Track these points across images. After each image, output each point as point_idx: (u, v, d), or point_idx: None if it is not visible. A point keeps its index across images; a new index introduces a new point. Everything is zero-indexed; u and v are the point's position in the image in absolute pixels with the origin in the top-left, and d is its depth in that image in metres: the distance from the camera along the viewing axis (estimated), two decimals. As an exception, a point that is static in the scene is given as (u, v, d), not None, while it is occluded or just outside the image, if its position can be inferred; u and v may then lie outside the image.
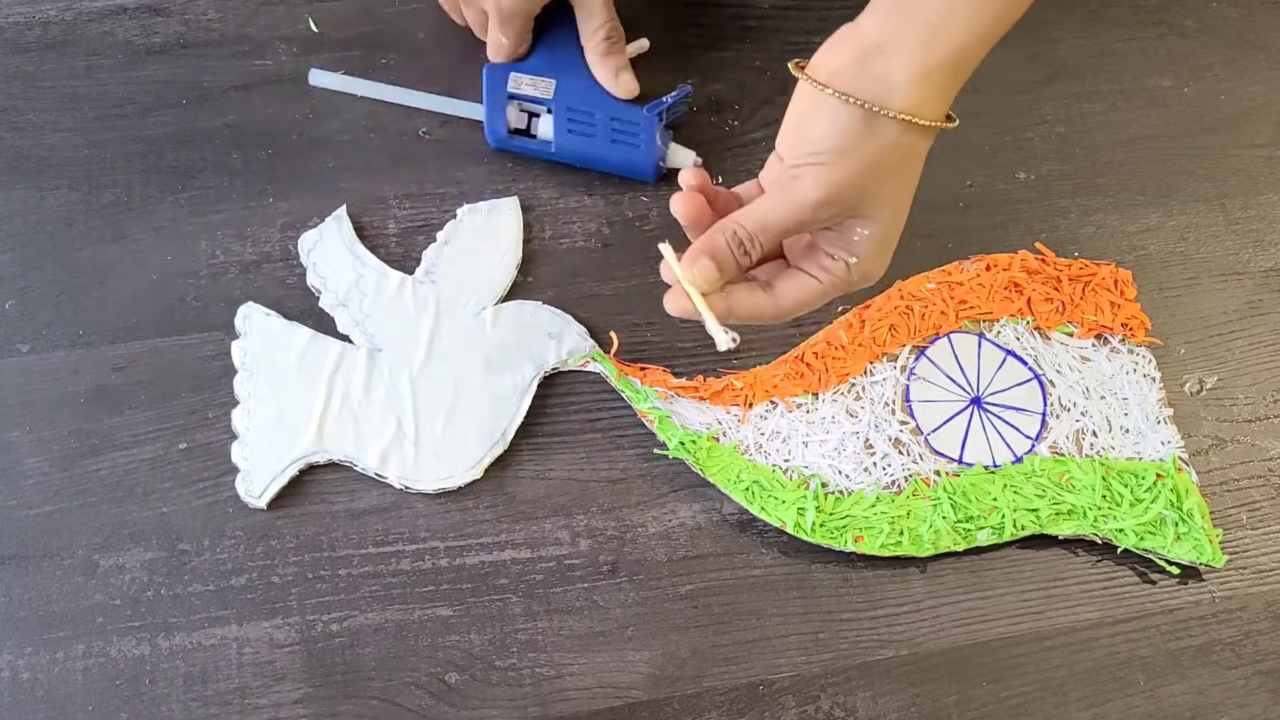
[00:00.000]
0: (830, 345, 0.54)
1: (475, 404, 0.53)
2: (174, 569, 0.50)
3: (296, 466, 0.51)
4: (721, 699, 0.49)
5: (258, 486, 0.51)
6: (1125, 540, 0.51)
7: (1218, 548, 0.51)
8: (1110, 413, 0.54)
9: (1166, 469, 0.52)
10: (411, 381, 0.53)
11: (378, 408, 0.52)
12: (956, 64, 0.41)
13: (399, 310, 0.54)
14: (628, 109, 0.56)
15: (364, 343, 0.54)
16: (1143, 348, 0.56)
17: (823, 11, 0.63)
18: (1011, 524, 0.51)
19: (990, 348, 0.55)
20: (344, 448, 0.52)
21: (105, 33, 0.61)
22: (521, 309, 0.55)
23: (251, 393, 0.52)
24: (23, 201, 0.57)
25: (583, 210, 0.58)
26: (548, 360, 0.54)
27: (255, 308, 0.54)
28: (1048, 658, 0.50)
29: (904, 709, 0.49)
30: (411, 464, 0.51)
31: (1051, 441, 0.53)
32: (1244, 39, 0.65)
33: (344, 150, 0.58)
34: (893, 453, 0.52)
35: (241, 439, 0.52)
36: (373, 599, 0.50)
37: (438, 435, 0.52)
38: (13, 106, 0.59)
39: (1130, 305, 0.56)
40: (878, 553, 0.50)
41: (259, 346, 0.53)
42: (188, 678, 0.48)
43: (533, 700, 0.49)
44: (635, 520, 0.52)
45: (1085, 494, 0.51)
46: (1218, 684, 0.50)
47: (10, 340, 0.54)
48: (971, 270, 0.56)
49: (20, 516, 0.51)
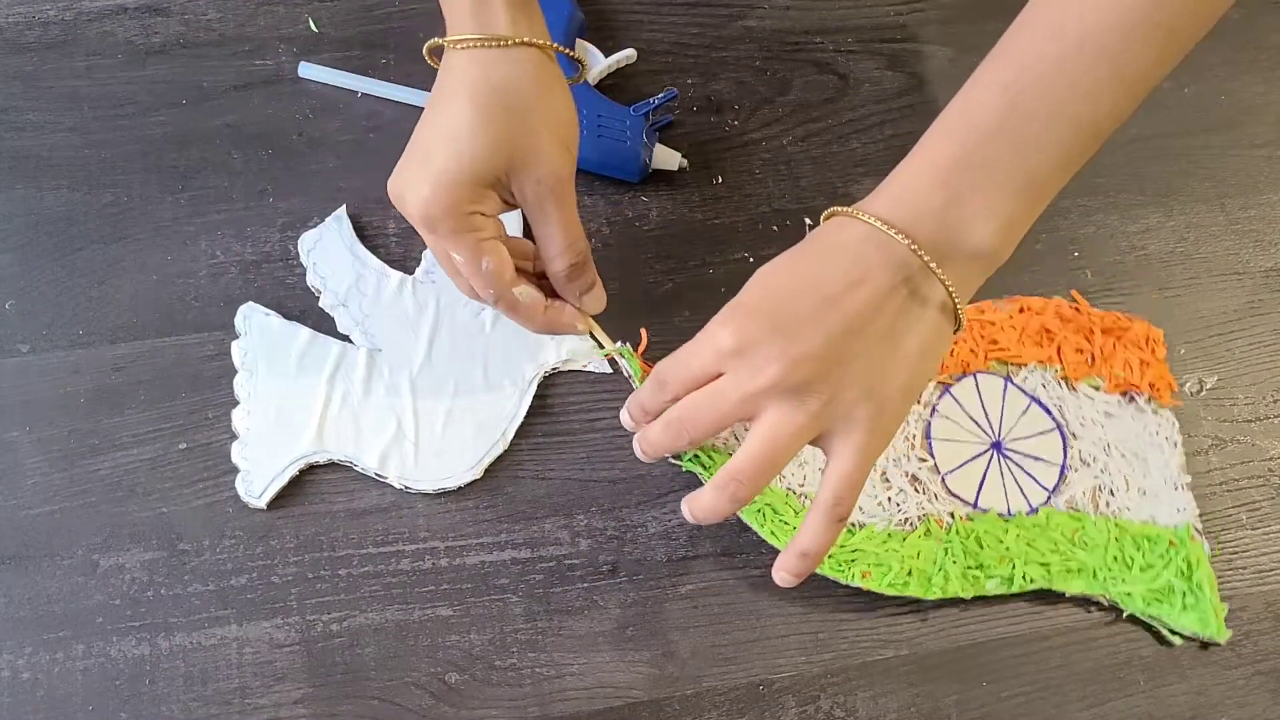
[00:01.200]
0: None
1: (475, 404, 0.53)
2: (174, 569, 0.50)
3: (296, 467, 0.51)
4: (721, 699, 0.49)
5: (258, 486, 0.51)
6: (1132, 605, 0.50)
7: (1223, 623, 0.50)
8: (1130, 472, 0.53)
9: (1181, 536, 0.51)
10: (411, 381, 0.53)
11: (377, 408, 0.52)
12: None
13: (399, 310, 0.54)
14: (615, 108, 0.56)
15: (364, 343, 0.54)
16: (1167, 410, 0.55)
17: (822, 11, 0.64)
18: (1021, 576, 0.50)
19: (1015, 392, 0.54)
20: (344, 448, 0.52)
21: (105, 33, 0.61)
22: None
23: (251, 393, 0.52)
24: (23, 201, 0.57)
25: (583, 210, 0.58)
26: (548, 360, 0.54)
27: (255, 308, 0.54)
28: (1048, 657, 0.50)
29: (904, 709, 0.49)
30: (412, 464, 0.51)
31: (1068, 496, 0.52)
32: (1244, 39, 0.65)
33: (344, 150, 0.58)
34: (909, 489, 0.51)
35: (241, 439, 0.52)
36: (373, 599, 0.50)
37: (437, 435, 0.52)
38: (13, 106, 0.59)
39: (1159, 365, 0.55)
40: (883, 590, 0.49)
41: (259, 346, 0.53)
42: (188, 678, 0.48)
43: (533, 700, 0.49)
44: (635, 520, 0.52)
45: (1097, 553, 0.51)
46: (1218, 684, 0.50)
47: (10, 340, 0.54)
48: (1004, 310, 0.55)
49: (20, 516, 0.51)
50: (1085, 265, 0.58)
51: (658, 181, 0.59)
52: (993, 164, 0.41)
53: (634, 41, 0.61)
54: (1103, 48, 0.40)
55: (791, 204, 0.59)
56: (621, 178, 0.58)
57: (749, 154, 0.60)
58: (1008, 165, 0.41)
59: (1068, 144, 0.41)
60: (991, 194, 0.41)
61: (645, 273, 0.57)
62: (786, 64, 0.62)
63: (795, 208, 0.59)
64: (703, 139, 0.60)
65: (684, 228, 0.58)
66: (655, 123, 0.58)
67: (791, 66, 0.62)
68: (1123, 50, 0.40)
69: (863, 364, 0.41)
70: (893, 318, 0.42)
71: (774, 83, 0.62)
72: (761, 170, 0.59)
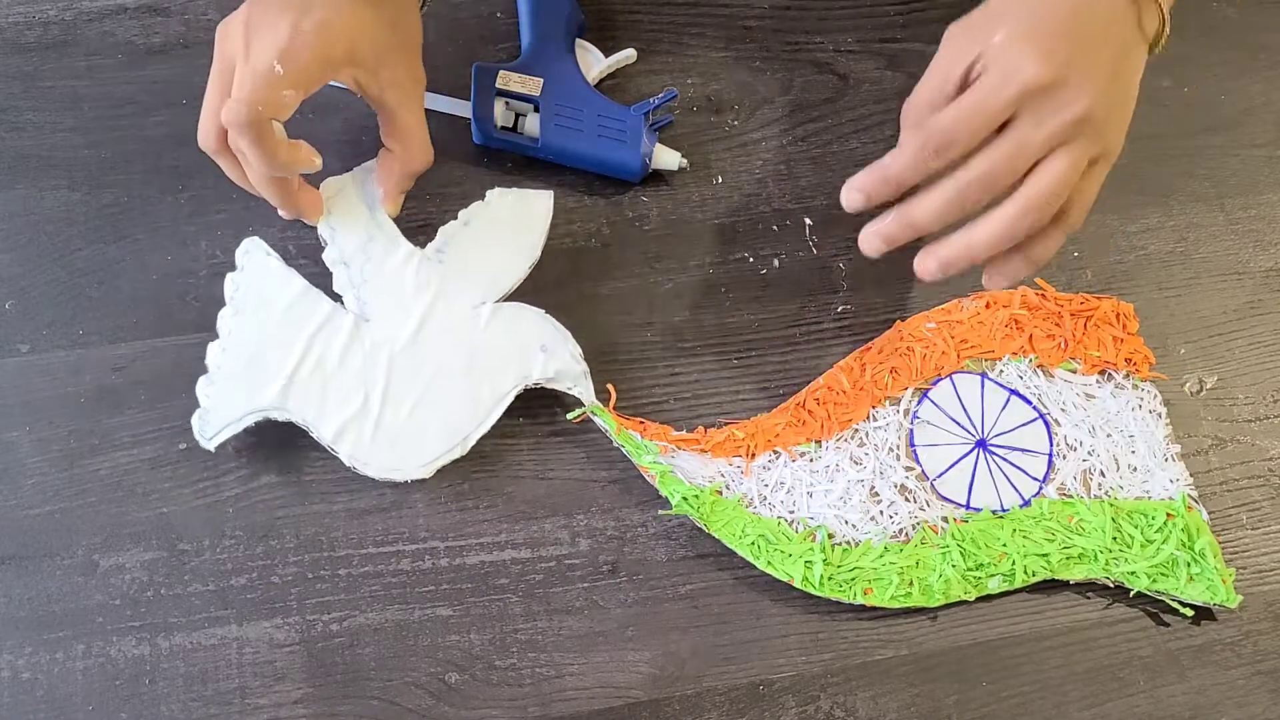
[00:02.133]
0: (831, 391, 0.53)
1: (447, 401, 0.51)
2: (174, 569, 0.50)
3: (254, 418, 0.50)
4: (721, 699, 0.49)
5: (211, 428, 0.50)
6: (1138, 583, 0.50)
7: (1231, 588, 0.50)
8: (1117, 451, 0.53)
9: (1176, 508, 0.51)
10: (390, 360, 0.51)
11: (349, 379, 0.51)
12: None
13: (398, 283, 0.53)
14: (615, 108, 0.56)
15: (354, 308, 0.52)
16: (1147, 383, 0.54)
17: (822, 11, 0.64)
18: (1022, 570, 0.50)
19: (993, 388, 0.54)
20: (305, 412, 0.50)
21: (105, 32, 0.61)
22: (521, 313, 0.53)
23: (232, 331, 0.51)
24: (23, 201, 0.57)
25: (583, 210, 0.58)
26: (531, 374, 0.52)
27: (259, 244, 0.53)
28: (1047, 657, 0.50)
29: (904, 709, 0.49)
30: (366, 444, 0.50)
31: (1059, 483, 0.52)
32: (1244, 39, 0.64)
33: (344, 150, 0.58)
34: (899, 500, 0.51)
35: (210, 375, 0.51)
36: (373, 599, 0.50)
37: (400, 423, 0.50)
38: (12, 106, 0.59)
39: (1133, 339, 0.55)
40: (887, 605, 0.49)
41: (252, 285, 0.52)
42: (187, 677, 0.48)
43: (533, 700, 0.49)
44: (635, 520, 0.52)
45: (1095, 536, 0.51)
46: (1217, 684, 0.50)
47: (10, 340, 0.54)
48: (971, 308, 0.55)
49: (20, 516, 0.51)
50: (1085, 265, 0.58)
51: (658, 181, 0.59)
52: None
53: (634, 41, 0.61)
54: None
55: (791, 204, 0.59)
56: (622, 178, 0.58)
57: (749, 154, 0.60)
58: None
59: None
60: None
61: (645, 273, 0.57)
62: (786, 64, 0.62)
63: (795, 208, 0.59)
64: (703, 139, 0.60)
65: (684, 228, 0.58)
66: (655, 123, 0.58)
67: (791, 66, 0.62)
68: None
69: (1122, 91, 0.41)
70: (1129, 50, 0.40)
71: (774, 83, 0.62)
72: (761, 170, 0.59)
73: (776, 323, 0.56)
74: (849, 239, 0.58)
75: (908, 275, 0.56)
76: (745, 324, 0.56)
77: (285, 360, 0.51)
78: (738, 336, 0.55)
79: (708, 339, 0.55)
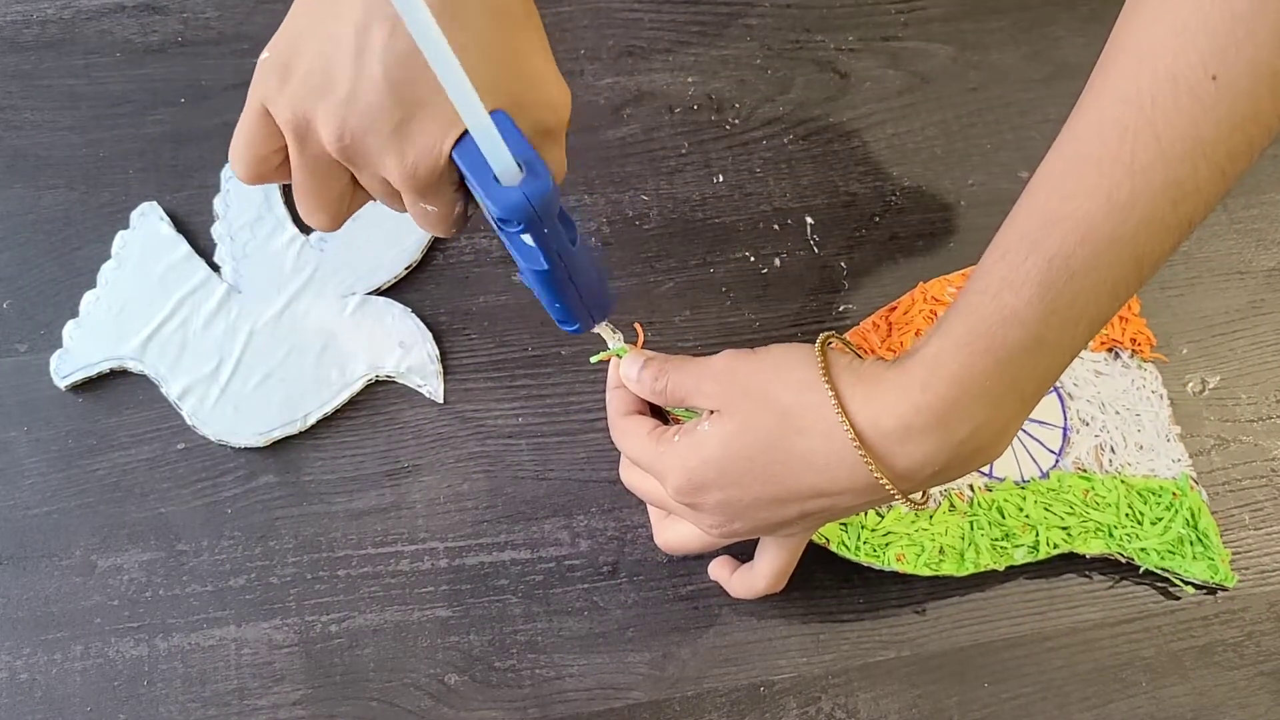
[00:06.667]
0: (862, 349, 0.53)
1: (295, 378, 0.53)
2: (172, 569, 0.50)
3: (109, 364, 0.52)
4: (722, 700, 0.49)
5: (68, 367, 0.52)
6: (1149, 560, 0.51)
7: (1229, 568, 0.51)
8: (1126, 429, 0.53)
9: (1181, 488, 0.52)
10: (251, 333, 0.53)
11: (208, 343, 0.53)
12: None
13: (276, 263, 0.55)
14: None
15: (230, 279, 0.54)
16: (1149, 364, 0.55)
17: (824, 9, 0.63)
18: (1046, 541, 0.50)
19: None
20: (159, 367, 0.52)
21: (103, 31, 0.60)
22: (386, 308, 0.54)
23: (110, 282, 0.54)
24: (20, 200, 0.56)
25: (583, 210, 0.58)
26: (384, 366, 0.53)
27: (155, 208, 0.56)
28: (1050, 658, 0.50)
29: (905, 710, 0.49)
30: (209, 407, 0.52)
31: (1075, 457, 0.53)
32: (1246, 37, 0.64)
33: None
34: None
35: (79, 320, 0.53)
36: (372, 600, 0.50)
37: (245, 392, 0.52)
38: (10, 105, 0.58)
39: (1136, 320, 0.56)
40: (919, 571, 0.49)
41: (138, 244, 0.55)
42: (186, 679, 0.48)
43: (532, 701, 0.48)
44: (635, 520, 0.52)
45: (1110, 512, 0.51)
46: (1220, 685, 0.50)
47: (9, 340, 0.54)
48: None
49: (18, 517, 0.50)
50: (1087, 264, 0.58)
51: (658, 180, 0.58)
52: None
53: (634, 40, 0.61)
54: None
55: (792, 203, 0.58)
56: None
57: (750, 153, 0.60)
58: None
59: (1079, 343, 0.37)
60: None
61: (645, 272, 0.57)
62: (787, 62, 0.62)
63: (796, 206, 0.58)
64: (703, 138, 0.60)
65: (684, 227, 0.58)
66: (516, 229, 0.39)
67: (792, 65, 0.62)
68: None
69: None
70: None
71: (775, 81, 0.61)
72: (762, 169, 0.59)
73: (778, 322, 0.56)
74: (850, 238, 0.58)
75: (909, 275, 0.56)
76: (746, 324, 0.56)
77: (153, 316, 0.53)
78: (739, 336, 0.55)
79: (708, 339, 0.55)
